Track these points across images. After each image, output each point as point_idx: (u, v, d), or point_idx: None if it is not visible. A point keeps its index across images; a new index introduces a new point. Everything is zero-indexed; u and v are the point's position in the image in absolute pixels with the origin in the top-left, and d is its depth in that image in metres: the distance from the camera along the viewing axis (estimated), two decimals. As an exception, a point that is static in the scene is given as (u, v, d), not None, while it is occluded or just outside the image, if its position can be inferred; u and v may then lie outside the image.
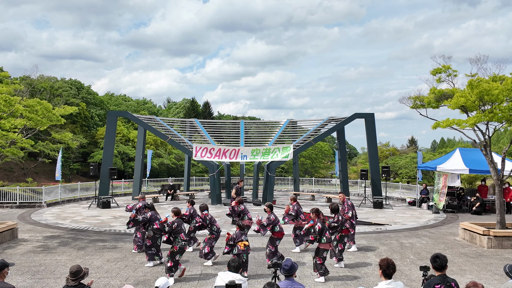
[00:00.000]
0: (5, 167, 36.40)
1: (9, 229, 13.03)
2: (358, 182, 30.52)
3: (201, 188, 31.26)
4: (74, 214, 18.49)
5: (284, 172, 46.51)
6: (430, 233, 14.48)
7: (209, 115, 60.48)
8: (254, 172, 24.08)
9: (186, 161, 29.46)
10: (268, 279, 7.69)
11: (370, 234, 14.20)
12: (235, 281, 4.84)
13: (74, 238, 13.30)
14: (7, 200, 21.16)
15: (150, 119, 26.13)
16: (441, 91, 13.67)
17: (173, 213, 9.51)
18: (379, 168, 22.71)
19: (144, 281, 8.88)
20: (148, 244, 10.10)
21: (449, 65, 13.60)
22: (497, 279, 9.14)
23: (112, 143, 22.85)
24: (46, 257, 10.86)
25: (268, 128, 30.81)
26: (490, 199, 19.93)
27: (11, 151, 14.41)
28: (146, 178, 28.69)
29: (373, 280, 8.85)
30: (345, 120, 23.66)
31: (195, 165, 41.66)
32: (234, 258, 5.85)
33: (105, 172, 21.72)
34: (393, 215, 18.63)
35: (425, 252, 11.52)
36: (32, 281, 8.83)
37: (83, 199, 24.11)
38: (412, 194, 24.55)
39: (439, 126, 13.39)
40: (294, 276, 5.28)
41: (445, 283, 4.85)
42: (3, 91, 13.86)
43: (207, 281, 8.88)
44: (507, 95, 11.98)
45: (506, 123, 12.82)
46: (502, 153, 13.42)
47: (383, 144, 54.71)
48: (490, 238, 12.33)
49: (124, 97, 67.19)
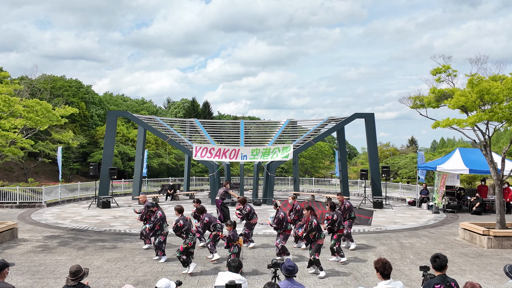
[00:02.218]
0: (5, 167, 36.39)
1: (9, 229, 13.03)
2: (358, 182, 30.52)
3: (201, 188, 31.25)
4: (74, 214, 18.48)
5: (284, 172, 46.50)
6: (430, 233, 14.48)
7: (209, 115, 60.46)
8: (254, 172, 24.07)
9: (186, 161, 29.44)
10: (268, 279, 7.69)
11: (370, 234, 14.20)
12: (235, 281, 4.84)
13: (74, 238, 13.30)
14: (7, 200, 21.16)
15: (150, 119, 26.13)
16: (441, 91, 13.67)
17: (176, 211, 9.72)
18: (379, 168, 22.70)
19: (144, 281, 8.88)
20: (162, 240, 10.44)
21: (449, 65, 13.60)
22: (497, 279, 9.13)
23: (112, 143, 22.85)
24: (46, 257, 10.85)
25: (268, 128, 30.80)
26: (490, 199, 19.93)
27: (11, 151, 14.40)
28: (143, 178, 28.63)
29: (373, 280, 8.84)
30: (345, 120, 23.66)
31: (195, 165, 41.65)
32: (234, 258, 5.85)
33: (105, 172, 21.71)
34: (393, 215, 18.63)
35: (425, 252, 11.51)
36: (32, 281, 8.83)
37: (83, 199, 24.10)
38: (412, 194, 24.54)
39: (439, 125, 13.38)
40: (294, 276, 5.28)
41: (445, 283, 4.85)
42: (3, 91, 13.86)
43: (207, 281, 8.88)
44: (507, 94, 11.98)
45: (506, 122, 12.81)
46: (502, 153, 13.42)
47: (383, 144, 54.76)
48: (490, 238, 12.32)
49: (123, 97, 67.14)
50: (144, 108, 64.36)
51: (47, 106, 14.53)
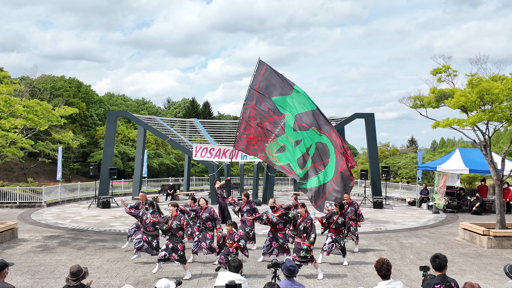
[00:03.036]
0: (5, 167, 36.38)
1: (9, 229, 13.03)
2: (358, 182, 30.51)
3: (201, 188, 31.26)
4: (74, 214, 18.49)
5: (284, 172, 46.43)
6: (430, 233, 14.48)
7: (209, 115, 60.45)
8: (254, 172, 24.07)
9: (186, 161, 29.45)
10: (268, 279, 7.69)
11: (370, 234, 14.20)
12: (235, 281, 4.84)
13: (74, 238, 13.30)
14: (7, 200, 21.16)
15: (150, 119, 26.14)
16: (441, 91, 13.68)
17: (173, 207, 9.72)
18: (379, 168, 22.70)
19: (144, 281, 8.88)
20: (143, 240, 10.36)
21: (449, 65, 13.61)
22: (497, 279, 9.14)
23: (112, 143, 22.86)
24: (46, 257, 10.85)
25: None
26: (490, 199, 19.93)
27: (11, 151, 14.41)
28: (143, 178, 28.64)
29: (373, 280, 8.84)
30: (345, 120, 23.66)
31: (195, 165, 41.64)
32: (235, 258, 5.84)
33: (105, 172, 21.72)
34: (393, 215, 18.63)
35: (425, 252, 11.52)
36: (32, 281, 8.83)
37: (83, 199, 24.11)
38: (412, 194, 24.54)
39: (439, 125, 13.39)
40: (294, 277, 5.28)
41: (444, 283, 4.85)
42: (3, 91, 13.87)
43: (207, 281, 8.88)
44: (507, 94, 11.98)
45: (506, 122, 12.82)
46: (502, 153, 13.42)
47: (383, 144, 54.70)
48: (490, 238, 12.33)
49: (123, 97, 67.09)
50: (144, 108, 64.34)
51: (47, 107, 14.54)
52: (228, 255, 8.85)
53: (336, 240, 10.14)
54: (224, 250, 8.96)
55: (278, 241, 10.00)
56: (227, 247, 8.91)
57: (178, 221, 9.08)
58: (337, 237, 10.17)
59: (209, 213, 10.24)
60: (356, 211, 11.74)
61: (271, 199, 10.62)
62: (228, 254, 8.87)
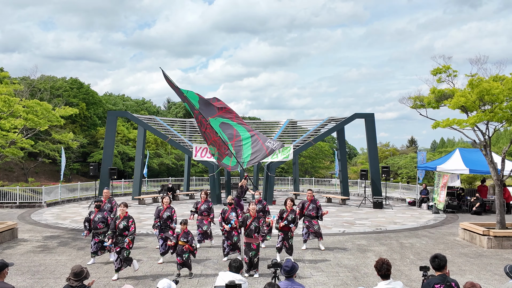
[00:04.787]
0: (5, 167, 36.38)
1: (9, 229, 13.03)
2: (358, 182, 30.51)
3: (201, 188, 31.23)
4: (74, 214, 18.48)
5: (284, 172, 46.48)
6: (430, 233, 14.48)
7: (209, 115, 60.33)
8: (254, 172, 24.08)
9: (186, 161, 29.45)
10: (268, 279, 7.68)
11: (370, 234, 14.20)
12: (235, 281, 4.84)
13: (74, 238, 13.30)
14: (7, 200, 21.16)
15: (150, 119, 26.13)
16: (441, 91, 13.67)
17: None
18: (379, 168, 22.71)
19: (144, 281, 8.88)
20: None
21: (449, 65, 13.60)
22: (497, 279, 9.14)
23: (112, 143, 22.86)
24: (46, 257, 10.85)
25: (268, 128, 30.78)
26: (490, 199, 19.93)
27: (11, 151, 14.41)
28: (143, 178, 28.65)
29: (373, 280, 8.84)
30: (345, 120, 23.66)
31: (195, 165, 41.63)
32: (236, 259, 5.85)
33: (105, 172, 21.72)
34: (393, 215, 18.63)
35: (425, 252, 11.51)
36: (32, 281, 8.83)
37: (83, 199, 24.11)
38: (412, 194, 24.54)
39: (439, 125, 13.39)
40: (294, 277, 5.28)
41: (445, 282, 4.85)
42: (3, 91, 13.87)
43: (207, 281, 8.88)
44: (507, 95, 11.98)
45: (506, 123, 12.81)
46: (502, 153, 13.42)
47: (383, 144, 54.75)
48: (490, 238, 12.33)
49: (123, 97, 67.08)
50: (144, 108, 64.31)
51: (47, 107, 14.54)
52: (182, 254, 9.02)
53: (284, 238, 10.41)
54: (178, 249, 9.08)
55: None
56: (181, 246, 9.05)
57: (126, 222, 9.12)
58: (285, 235, 10.39)
59: (207, 205, 11.77)
60: (318, 208, 11.74)
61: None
62: (181, 254, 9.03)
